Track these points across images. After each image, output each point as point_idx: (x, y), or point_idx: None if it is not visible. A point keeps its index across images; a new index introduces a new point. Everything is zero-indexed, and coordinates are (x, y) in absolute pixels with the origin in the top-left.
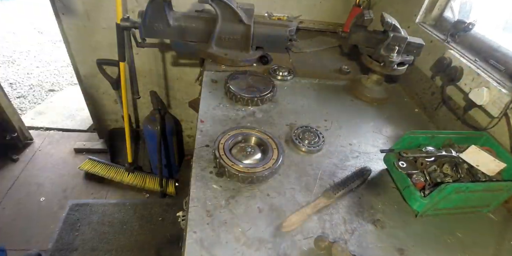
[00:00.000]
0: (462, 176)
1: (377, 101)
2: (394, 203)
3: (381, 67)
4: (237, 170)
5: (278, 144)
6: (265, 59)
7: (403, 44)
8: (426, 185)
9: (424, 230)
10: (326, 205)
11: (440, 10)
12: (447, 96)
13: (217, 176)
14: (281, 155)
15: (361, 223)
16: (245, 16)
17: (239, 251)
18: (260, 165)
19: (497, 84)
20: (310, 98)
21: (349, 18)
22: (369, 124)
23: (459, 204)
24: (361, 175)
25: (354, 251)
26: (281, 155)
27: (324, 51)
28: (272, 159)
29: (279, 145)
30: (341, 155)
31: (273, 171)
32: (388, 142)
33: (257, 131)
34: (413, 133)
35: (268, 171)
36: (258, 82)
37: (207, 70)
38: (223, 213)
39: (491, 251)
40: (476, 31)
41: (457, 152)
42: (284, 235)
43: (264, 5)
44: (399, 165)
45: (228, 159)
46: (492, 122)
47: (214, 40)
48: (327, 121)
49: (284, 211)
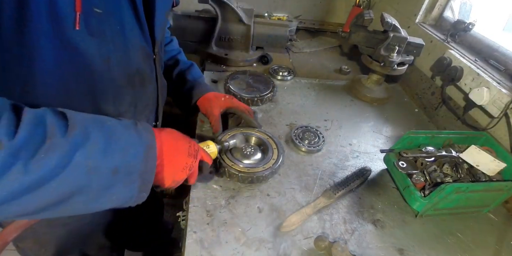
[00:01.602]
0: (462, 176)
1: (377, 101)
2: (394, 203)
3: (381, 67)
4: (237, 170)
5: (278, 144)
6: (265, 59)
7: (403, 44)
8: (426, 185)
9: (424, 230)
10: (326, 205)
11: (440, 10)
12: (447, 96)
13: (217, 176)
14: (281, 155)
15: (361, 223)
16: (245, 16)
17: (239, 251)
18: (261, 165)
19: (497, 84)
20: (310, 98)
21: (349, 18)
22: (369, 124)
23: (459, 204)
24: (361, 175)
25: (354, 251)
26: (281, 155)
27: (324, 51)
28: (272, 159)
29: (279, 145)
30: (341, 155)
31: (273, 171)
32: (388, 142)
33: (257, 131)
34: (413, 133)
35: (268, 171)
36: (258, 82)
37: (207, 70)
38: (223, 213)
39: (491, 251)
40: (476, 31)
41: (457, 152)
42: (284, 235)
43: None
44: (399, 165)
45: (228, 159)
46: (492, 122)
47: (214, 40)
48: (327, 121)
49: (284, 211)
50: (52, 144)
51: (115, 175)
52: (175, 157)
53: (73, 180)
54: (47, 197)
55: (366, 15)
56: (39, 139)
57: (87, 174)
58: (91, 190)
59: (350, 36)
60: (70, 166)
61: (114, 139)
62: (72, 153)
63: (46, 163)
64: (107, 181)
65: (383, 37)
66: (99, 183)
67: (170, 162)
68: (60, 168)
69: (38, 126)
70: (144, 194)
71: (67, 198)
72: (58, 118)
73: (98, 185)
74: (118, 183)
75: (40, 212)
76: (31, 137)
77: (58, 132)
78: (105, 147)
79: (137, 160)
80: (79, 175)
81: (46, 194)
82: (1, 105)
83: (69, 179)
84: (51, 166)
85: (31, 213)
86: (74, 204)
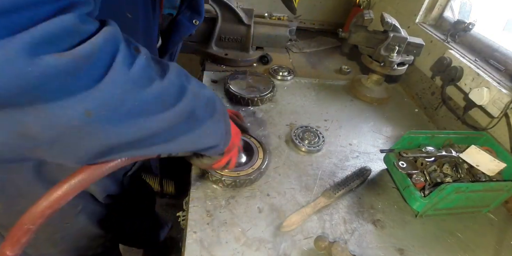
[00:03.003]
0: (462, 176)
1: (377, 101)
2: (394, 203)
3: (381, 67)
4: (221, 174)
5: (263, 144)
6: (265, 59)
7: (403, 44)
8: (426, 185)
9: (424, 230)
10: (326, 205)
11: (440, 10)
12: (447, 96)
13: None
14: (267, 155)
15: (361, 223)
16: (245, 16)
17: (239, 251)
18: (248, 167)
19: (497, 84)
20: (310, 98)
21: (349, 18)
22: (369, 124)
23: (459, 204)
24: (361, 175)
25: (354, 251)
26: (267, 155)
27: (324, 51)
28: (259, 158)
29: (264, 144)
30: (341, 155)
31: (261, 172)
32: (388, 142)
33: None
34: (413, 133)
35: (256, 172)
36: (258, 82)
37: (207, 70)
38: (223, 213)
39: (491, 251)
40: (476, 31)
41: (457, 152)
42: (284, 235)
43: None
44: (399, 165)
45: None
46: (492, 122)
47: (214, 40)
48: (327, 121)
49: (284, 211)
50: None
51: (213, 111)
52: (234, 128)
53: (188, 103)
54: (174, 115)
55: (366, 15)
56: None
57: (194, 98)
58: (196, 116)
59: (350, 36)
60: (188, 91)
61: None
62: (189, 82)
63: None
64: (210, 115)
65: (383, 37)
66: (204, 117)
67: (234, 129)
68: (182, 92)
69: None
70: (228, 136)
71: (184, 120)
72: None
73: (203, 119)
74: (213, 121)
75: (153, 137)
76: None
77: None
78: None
79: (222, 108)
80: (193, 100)
81: (170, 116)
82: None
83: (188, 105)
84: (174, 90)
85: (148, 135)
86: (181, 135)
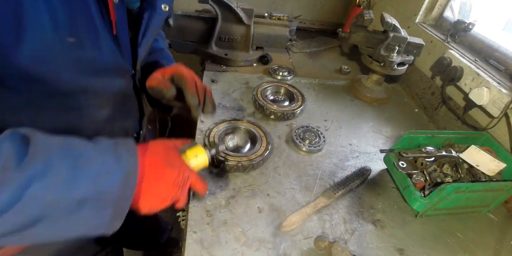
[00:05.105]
0: (462, 176)
1: (377, 101)
2: (394, 203)
3: (381, 67)
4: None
5: (267, 134)
6: (265, 59)
7: (403, 44)
8: (426, 185)
9: (424, 230)
10: (326, 205)
11: (440, 10)
12: (447, 96)
13: (217, 176)
14: (270, 144)
15: (361, 223)
16: (245, 16)
17: (239, 251)
18: (251, 154)
19: (497, 84)
20: (310, 98)
21: (349, 18)
22: (369, 124)
23: (459, 204)
24: (361, 175)
25: (354, 251)
26: (270, 144)
27: (324, 51)
28: (262, 146)
29: (268, 134)
30: (341, 155)
31: (264, 158)
32: (388, 142)
33: (246, 122)
34: (413, 133)
35: (259, 158)
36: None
37: (207, 70)
38: (223, 213)
39: (491, 251)
40: (476, 31)
41: (457, 152)
42: (284, 235)
43: (264, 5)
44: (399, 165)
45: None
46: (492, 122)
47: (214, 40)
48: (327, 121)
49: (284, 211)
50: (5, 178)
51: (81, 204)
52: (156, 187)
53: (30, 213)
54: (4, 227)
55: (366, 15)
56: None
57: (46, 207)
58: (53, 220)
59: (350, 36)
60: (24, 199)
61: (82, 167)
62: (26, 187)
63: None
64: (71, 211)
65: (383, 37)
66: (62, 214)
67: (150, 191)
68: (13, 202)
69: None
70: (119, 222)
71: (26, 228)
72: (18, 145)
73: (60, 215)
74: (86, 213)
75: (1, 238)
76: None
77: (13, 163)
78: (69, 178)
79: (112, 188)
80: (37, 208)
81: (1, 224)
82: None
83: (25, 212)
84: (3, 199)
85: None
86: (37, 232)
